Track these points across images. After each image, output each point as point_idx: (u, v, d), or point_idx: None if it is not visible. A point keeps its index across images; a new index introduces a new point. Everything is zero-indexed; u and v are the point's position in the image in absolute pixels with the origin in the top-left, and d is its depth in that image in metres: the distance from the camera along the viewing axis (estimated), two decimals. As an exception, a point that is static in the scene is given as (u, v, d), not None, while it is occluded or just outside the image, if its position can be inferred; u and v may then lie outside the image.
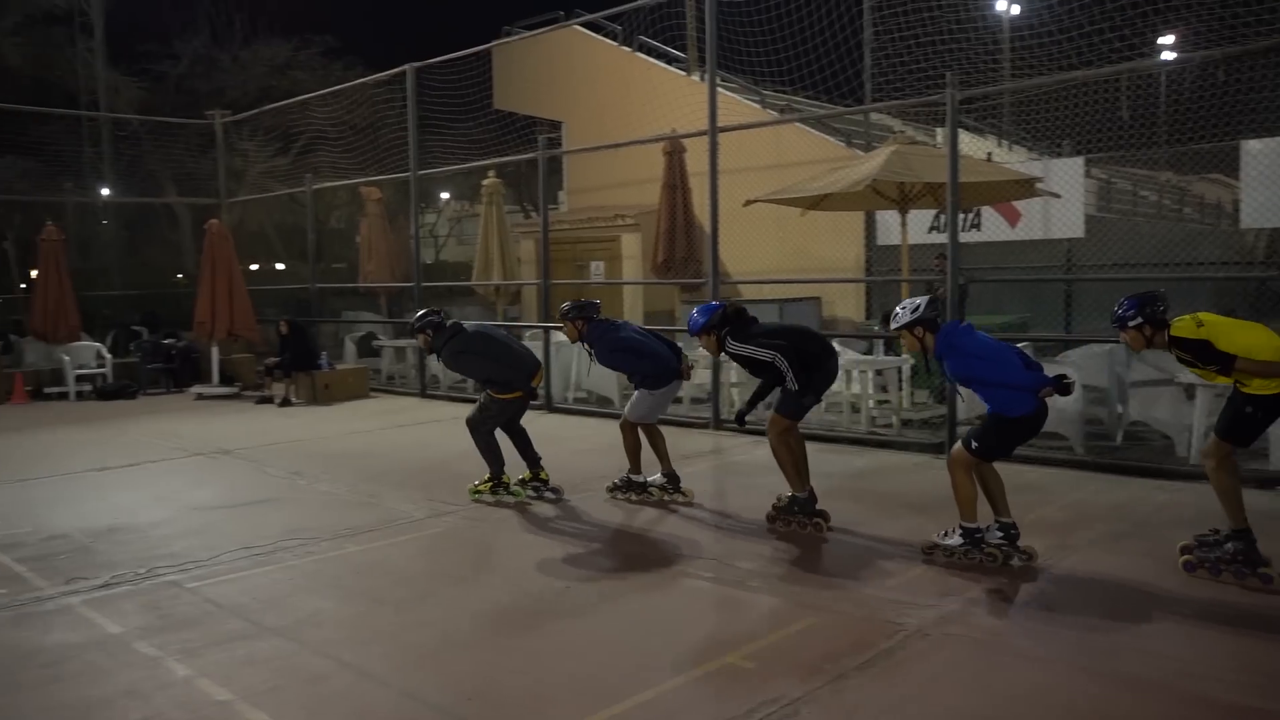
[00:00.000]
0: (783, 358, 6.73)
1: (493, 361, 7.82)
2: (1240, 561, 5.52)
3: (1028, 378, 5.78)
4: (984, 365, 5.88)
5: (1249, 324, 5.50)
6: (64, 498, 8.47)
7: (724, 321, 6.97)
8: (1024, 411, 5.76)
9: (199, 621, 5.30)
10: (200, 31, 28.04)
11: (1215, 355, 5.32)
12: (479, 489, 8.00)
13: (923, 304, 6.06)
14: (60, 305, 15.82)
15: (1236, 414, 5.51)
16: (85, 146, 20.82)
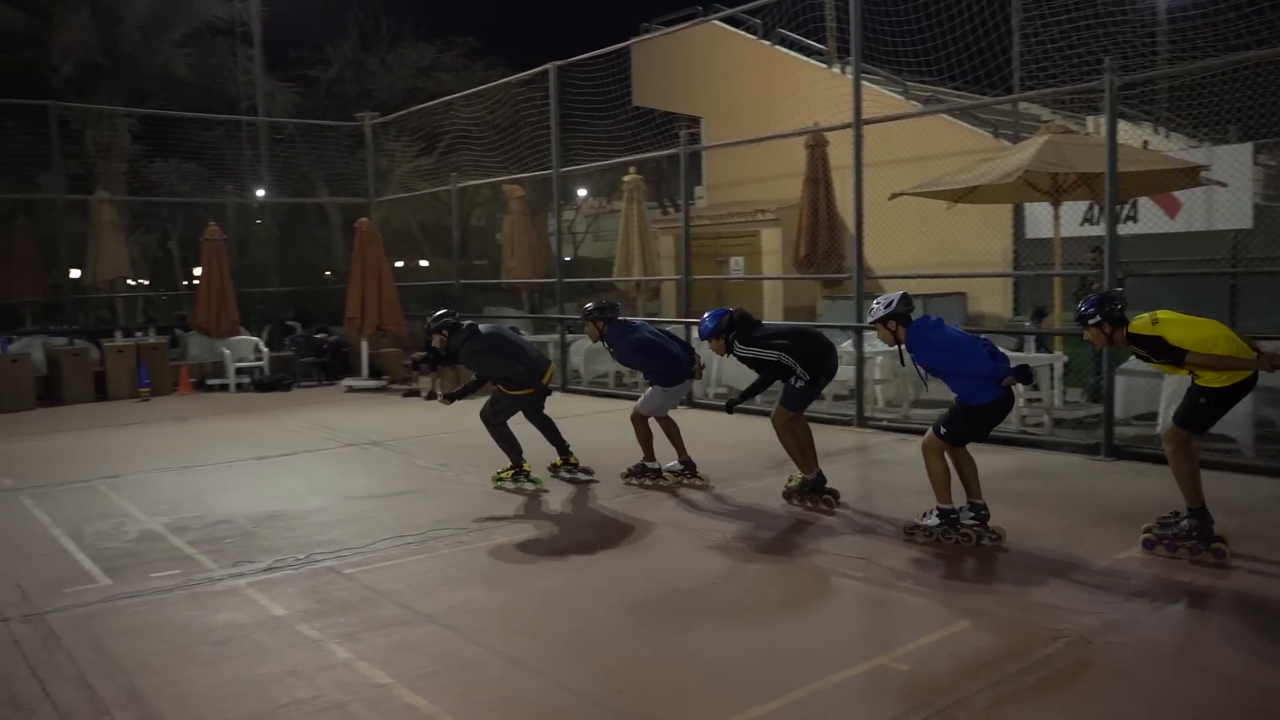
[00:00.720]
0: (789, 356, 7.29)
1: (507, 360, 8.21)
2: (1195, 538, 5.88)
3: (991, 368, 6.21)
4: (949, 357, 6.35)
5: (1204, 321, 5.85)
6: (227, 485, 8.87)
7: (731, 326, 7.53)
8: (988, 399, 6.22)
9: (356, 606, 5.48)
10: (349, 37, 29.06)
11: (1167, 350, 5.72)
12: (501, 476, 8.42)
13: (896, 299, 6.51)
14: (222, 301, 16.57)
15: (1192, 404, 5.89)
16: (244, 150, 21.76)
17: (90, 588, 5.97)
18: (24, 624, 5.35)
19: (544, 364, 8.47)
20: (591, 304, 8.56)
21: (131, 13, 21.82)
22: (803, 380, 7.30)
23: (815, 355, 7.39)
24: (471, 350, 8.25)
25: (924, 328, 6.49)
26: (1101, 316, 5.94)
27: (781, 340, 7.42)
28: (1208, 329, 5.76)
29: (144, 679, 4.57)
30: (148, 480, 9.15)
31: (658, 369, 8.21)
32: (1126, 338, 5.92)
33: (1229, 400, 5.84)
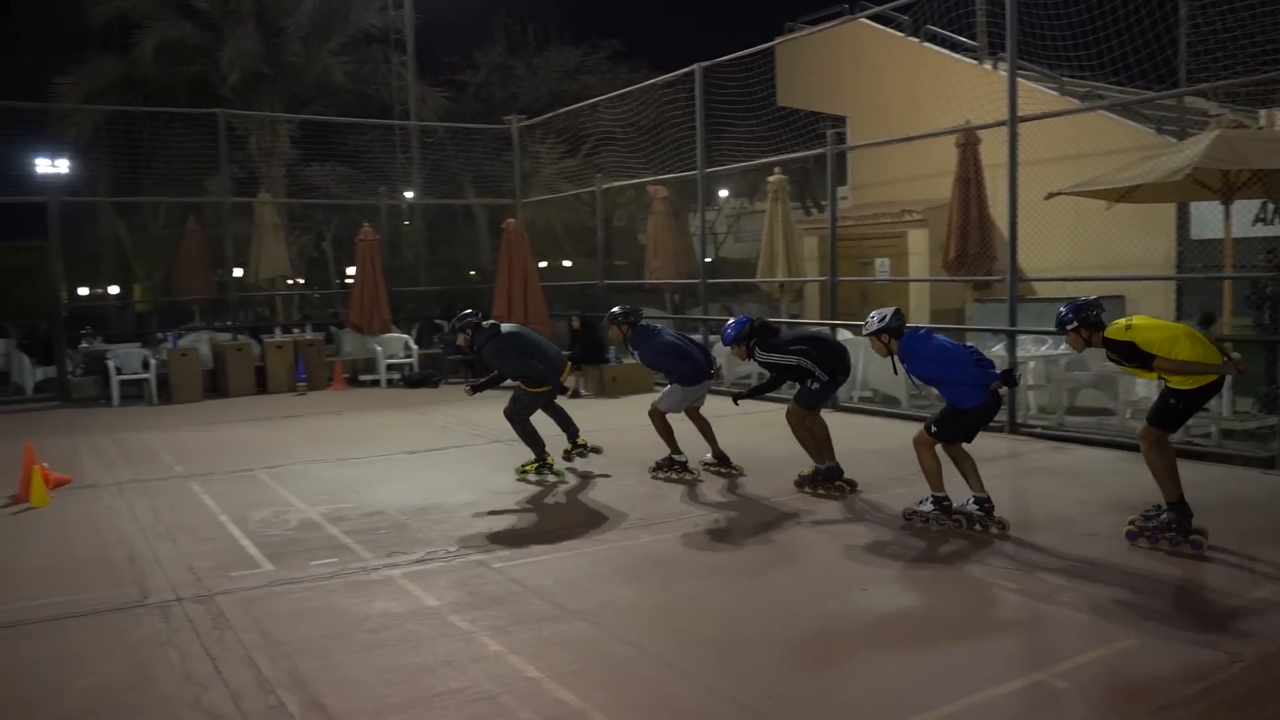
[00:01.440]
0: (808, 360, 7.89)
1: (528, 359, 8.66)
2: (1174, 530, 6.17)
3: (978, 375, 6.75)
4: (939, 366, 6.91)
5: (1175, 326, 6.33)
6: (380, 477, 9.15)
7: (752, 334, 8.14)
8: (976, 403, 6.75)
9: (506, 600, 5.58)
10: (497, 42, 29.71)
11: (1137, 355, 6.07)
12: (525, 469, 8.93)
13: (889, 314, 7.09)
14: (374, 299, 17.14)
15: (1163, 405, 6.25)
16: (396, 153, 22.45)
17: (254, 572, 6.24)
18: (196, 604, 5.62)
19: (562, 362, 8.95)
20: (618, 309, 9.15)
21: (294, 24, 22.75)
22: (819, 382, 7.95)
23: (831, 358, 8.07)
24: (495, 349, 8.69)
25: (915, 340, 7.04)
26: (1079, 322, 6.35)
27: (801, 345, 8.05)
28: (1177, 335, 6.10)
29: (305, 662, 4.75)
30: (306, 471, 9.52)
31: (681, 370, 8.72)
32: (1102, 342, 6.28)
33: (1197, 401, 6.22)
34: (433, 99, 25.16)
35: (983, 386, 6.73)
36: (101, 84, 22.41)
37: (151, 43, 21.96)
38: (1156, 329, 6.17)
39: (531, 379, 8.72)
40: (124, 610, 5.58)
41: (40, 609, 5.62)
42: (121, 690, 4.53)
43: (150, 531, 7.32)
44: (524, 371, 8.70)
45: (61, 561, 6.66)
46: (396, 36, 23.96)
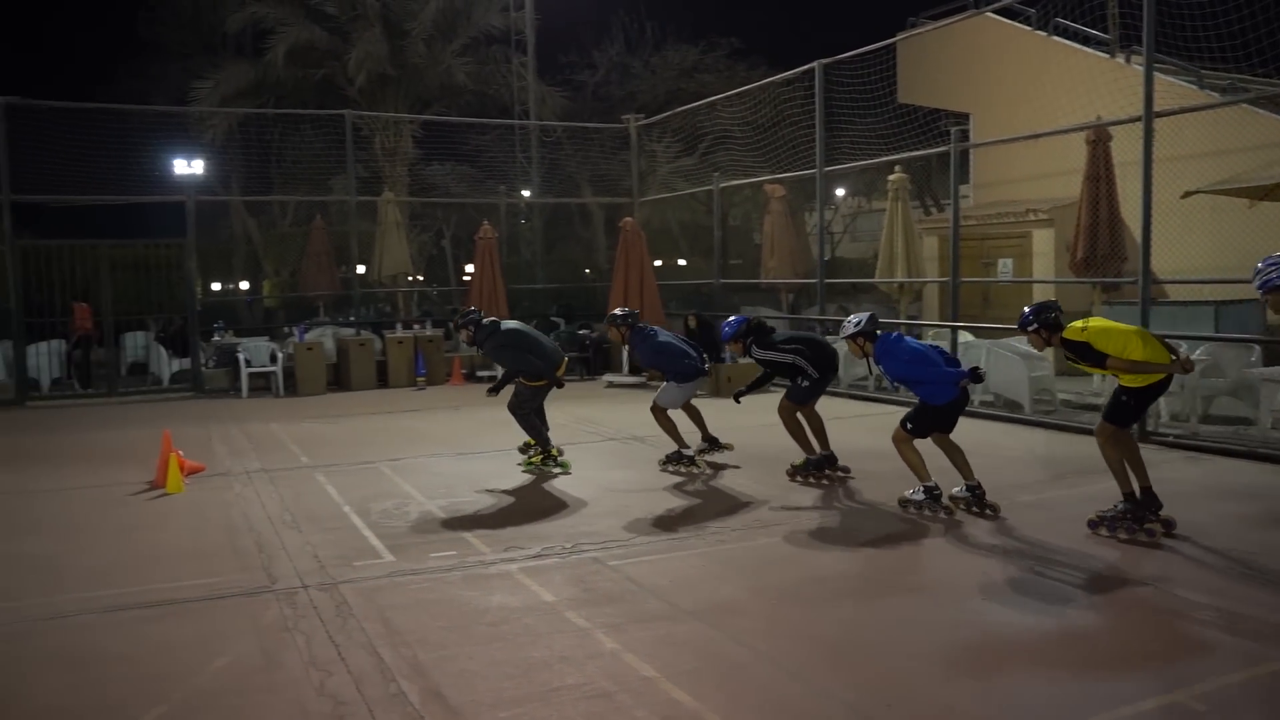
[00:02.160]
0: (802, 359, 8.57)
1: (526, 354, 9.12)
2: (1129, 519, 6.58)
3: (948, 374, 7.29)
4: (912, 367, 7.43)
5: (1129, 328, 6.65)
6: (497, 472, 9.29)
7: (749, 332, 8.80)
8: (946, 399, 7.29)
9: (621, 598, 5.60)
10: (615, 42, 29.87)
11: (1093, 354, 6.48)
12: (532, 460, 9.33)
13: (864, 319, 7.69)
14: (493, 297, 17.41)
15: (1116, 402, 6.68)
16: (515, 152, 22.77)
17: (376, 562, 6.40)
18: (321, 592, 5.80)
19: (559, 358, 9.38)
20: (617, 311, 9.87)
21: (418, 27, 23.26)
22: (809, 379, 8.61)
23: (823, 358, 8.67)
24: (495, 344, 9.23)
25: (889, 342, 7.60)
26: (1039, 324, 6.79)
27: (796, 345, 8.70)
28: (1129, 336, 6.52)
29: (425, 652, 4.84)
30: (426, 464, 9.73)
31: (677, 368, 9.24)
32: (1061, 342, 6.72)
33: (1147, 398, 6.70)
34: (552, 98, 25.45)
35: (952, 384, 7.27)
36: (236, 88, 23.25)
37: (283, 47, 22.69)
38: (1110, 330, 6.59)
39: (530, 374, 9.18)
40: (254, 595, 5.79)
41: (179, 590, 5.87)
42: (252, 671, 4.69)
43: (277, 519, 7.58)
44: (522, 366, 9.17)
45: (196, 546, 6.94)
46: (517, 37, 24.31)
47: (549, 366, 9.19)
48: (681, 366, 9.24)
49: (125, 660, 4.88)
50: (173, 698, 4.41)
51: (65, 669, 4.78)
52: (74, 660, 4.89)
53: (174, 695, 4.44)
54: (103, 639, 5.17)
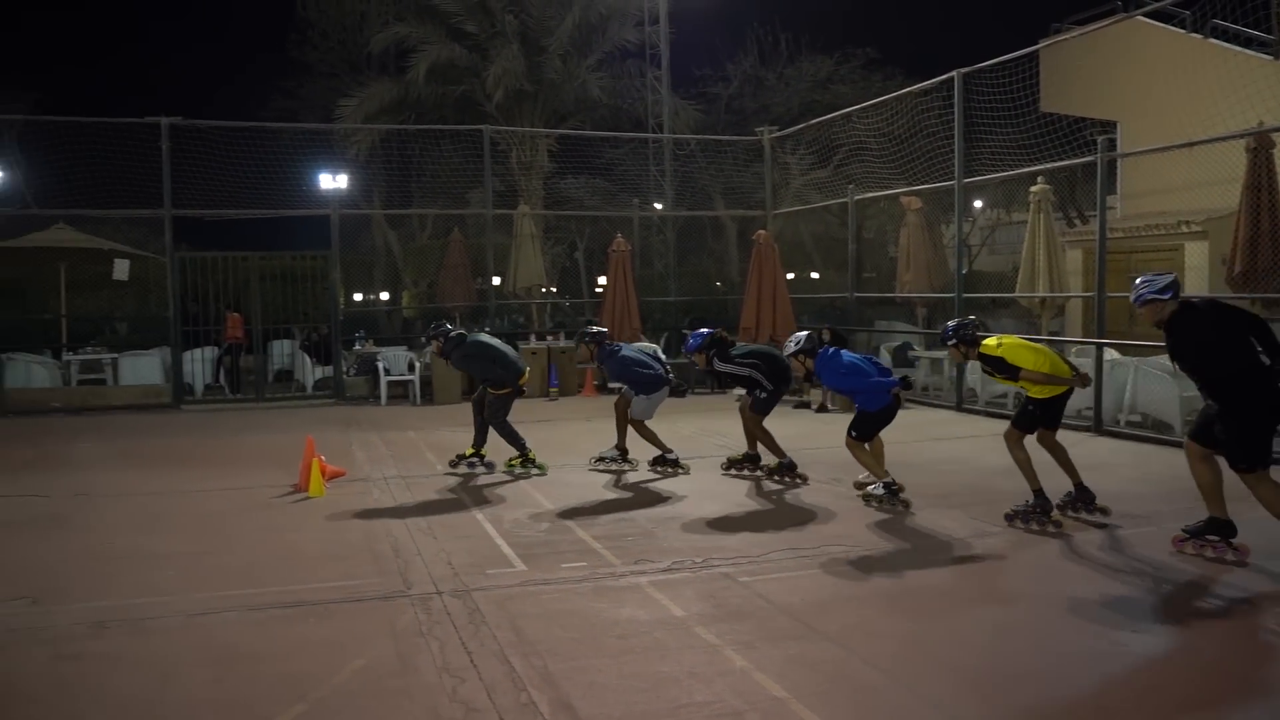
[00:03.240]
0: (757, 373, 9.46)
1: (491, 363, 9.80)
2: (1037, 513, 7.34)
3: (879, 383, 8.25)
4: (846, 378, 8.47)
5: (1037, 346, 7.60)
6: (628, 484, 9.31)
7: (712, 344, 9.69)
8: (879, 406, 8.22)
9: (752, 615, 5.52)
10: (749, 54, 29.77)
11: (1006, 368, 7.37)
12: (512, 464, 9.96)
13: (803, 338, 8.83)
14: (625, 309, 17.50)
15: (1023, 410, 7.57)
16: (649, 165, 22.89)
17: (508, 571, 6.46)
18: (454, 598, 5.87)
19: (521, 367, 10.02)
20: (590, 329, 10.69)
21: (555, 43, 23.65)
22: (766, 391, 9.49)
23: (776, 372, 9.50)
24: (461, 354, 9.98)
25: (826, 358, 8.57)
26: (958, 339, 7.66)
27: (752, 360, 9.59)
28: (1038, 353, 7.45)
29: (556, 663, 4.85)
30: (557, 475, 9.81)
31: (642, 380, 9.95)
32: (978, 356, 7.58)
33: (1051, 407, 7.50)
34: (685, 111, 25.52)
35: (885, 392, 8.21)
36: (379, 105, 24.02)
37: (424, 65, 23.34)
38: (1022, 347, 7.50)
39: (494, 382, 9.82)
40: (390, 599, 5.90)
41: (319, 591, 6.03)
42: (388, 675, 4.77)
43: (413, 526, 7.73)
44: (486, 374, 9.87)
45: (335, 549, 7.13)
46: (651, 51, 24.46)
47: (512, 375, 9.84)
48: (645, 379, 9.95)
49: (267, 658, 5.03)
50: (311, 697, 4.52)
51: (211, 664, 4.95)
52: (219, 656, 5.05)
53: (312, 694, 4.54)
54: (246, 636, 5.34)
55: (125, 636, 5.38)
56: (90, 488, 9.51)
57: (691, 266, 27.42)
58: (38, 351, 18.14)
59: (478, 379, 10.16)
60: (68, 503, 8.85)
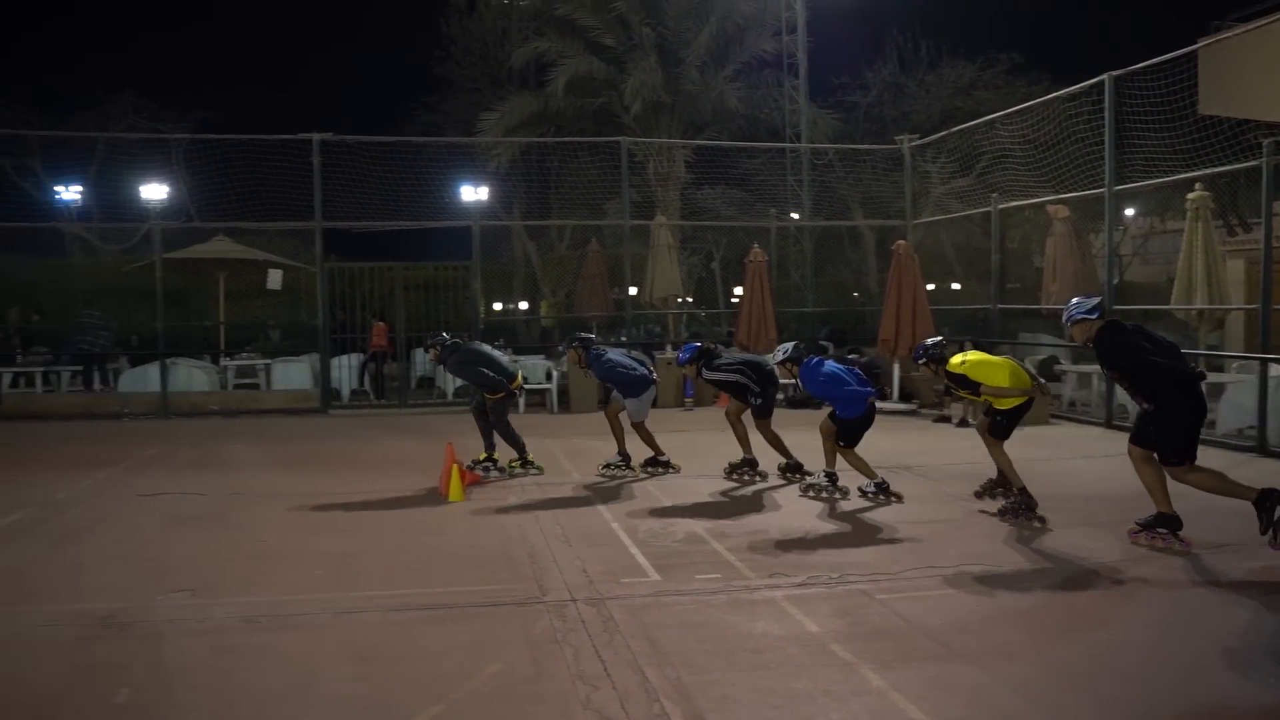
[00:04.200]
0: (744, 378, 10.15)
1: (482, 369, 10.30)
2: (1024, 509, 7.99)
3: (857, 392, 8.85)
4: (826, 386, 9.06)
5: (998, 360, 8.28)
6: (762, 496, 9.25)
7: (700, 356, 10.41)
8: (856, 414, 8.88)
9: (889, 634, 5.40)
10: (888, 61, 29.29)
11: (969, 383, 8.00)
12: (512, 465, 10.53)
13: (790, 348, 9.69)
14: (762, 319, 17.41)
15: (993, 420, 8.17)
16: (786, 175, 22.74)
17: (642, 581, 6.48)
18: (589, 606, 5.91)
19: (514, 371, 10.65)
20: (579, 335, 11.29)
21: (692, 54, 23.72)
22: (756, 395, 10.10)
23: (762, 375, 10.14)
24: (456, 361, 10.58)
25: (809, 366, 9.29)
26: (928, 358, 8.47)
27: (738, 366, 10.29)
28: (998, 367, 8.12)
29: (689, 675, 4.83)
30: (691, 485, 9.81)
31: (626, 381, 10.47)
32: (944, 373, 8.29)
33: (1015, 416, 8.18)
34: (823, 120, 25.27)
35: (861, 400, 8.87)
36: (519, 118, 24.50)
37: (563, 79, 23.71)
38: (983, 363, 8.18)
39: (488, 386, 10.31)
40: (526, 605, 5.98)
41: (457, 595, 6.16)
42: (522, 680, 4.83)
43: (549, 533, 7.82)
44: (480, 380, 10.36)
45: (473, 553, 7.27)
46: (789, 61, 24.32)
47: (504, 380, 10.33)
48: (631, 380, 10.47)
49: (406, 658, 5.15)
50: (448, 698, 4.61)
51: (354, 661, 5.10)
52: (362, 654, 5.20)
53: (449, 696, 4.63)
54: (388, 636, 5.49)
55: (275, 631, 5.59)
56: (245, 487, 9.96)
57: (829, 277, 27.10)
58: (198, 357, 19.10)
59: (473, 385, 10.65)
60: (224, 501, 9.28)
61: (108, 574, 6.81)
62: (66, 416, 16.35)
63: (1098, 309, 7.33)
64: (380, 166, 17.43)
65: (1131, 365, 7.06)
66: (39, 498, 9.38)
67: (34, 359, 19.45)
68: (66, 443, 13.61)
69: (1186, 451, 6.91)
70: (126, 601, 6.10)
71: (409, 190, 17.73)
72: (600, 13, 24.00)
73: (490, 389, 10.37)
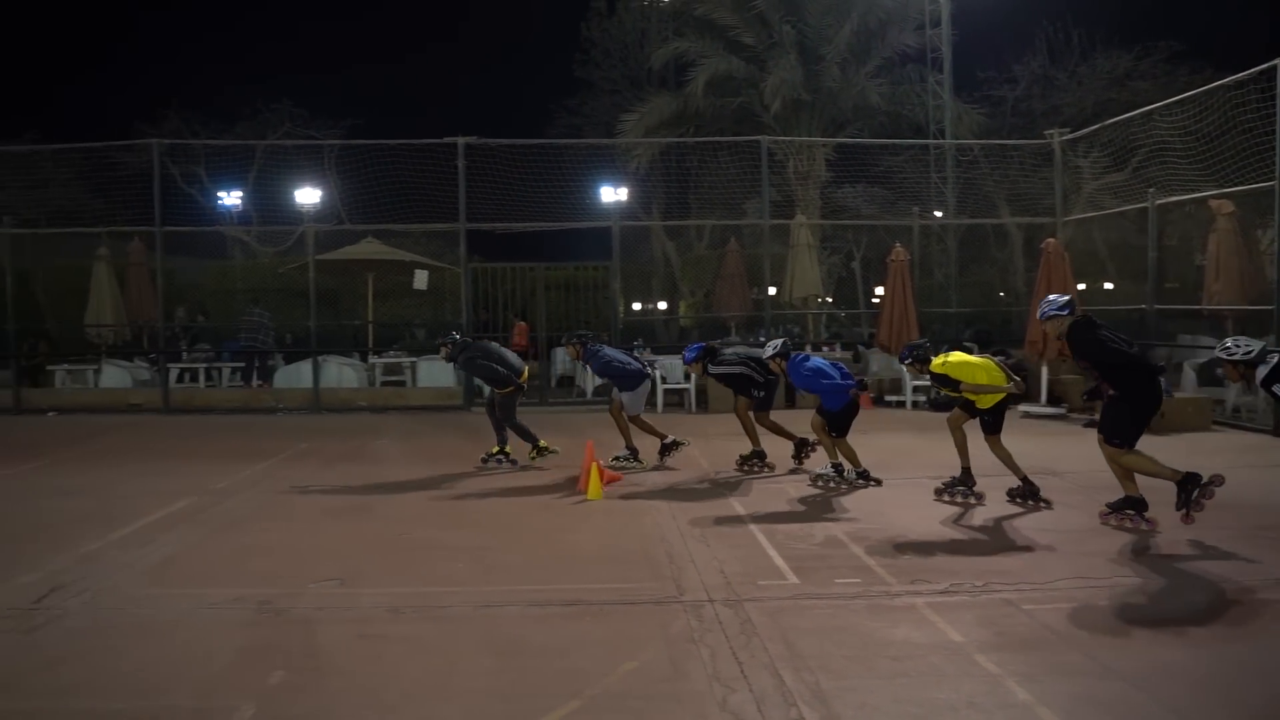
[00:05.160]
0: (749, 370, 10.66)
1: (492, 365, 10.95)
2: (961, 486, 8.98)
3: (840, 385, 9.58)
4: (811, 379, 9.76)
5: (977, 360, 8.99)
6: (904, 500, 9.06)
7: (705, 355, 10.92)
8: (840, 405, 9.58)
9: (1037, 645, 5.21)
10: (1038, 53, 28.34)
11: (950, 382, 8.71)
12: (531, 455, 11.04)
13: (779, 344, 10.21)
14: (904, 320, 17.06)
15: (982, 420, 8.92)
16: (929, 172, 22.23)
17: (780, 583, 6.42)
18: (726, 607, 5.89)
19: (521, 367, 11.19)
20: (575, 333, 11.79)
21: (832, 51, 23.40)
22: (759, 387, 10.71)
23: (764, 368, 10.54)
24: (467, 357, 11.22)
25: (796, 361, 9.99)
26: (913, 358, 9.06)
27: (743, 360, 10.82)
28: (976, 367, 8.72)
29: (827, 680, 4.76)
30: (828, 487, 9.65)
31: (622, 375, 11.00)
32: (929, 373, 8.89)
33: (999, 411, 8.81)
34: (969, 116, 24.58)
35: (844, 392, 9.57)
36: (659, 119, 24.58)
37: (703, 78, 23.68)
38: (963, 363, 8.79)
39: (498, 381, 10.95)
40: (663, 604, 5.99)
41: (596, 592, 6.21)
42: (659, 679, 4.84)
43: (687, 533, 7.82)
44: (489, 375, 11.03)
45: (611, 551, 7.33)
46: (933, 55, 23.75)
47: (513, 374, 10.95)
48: (626, 374, 11.00)
49: (544, 652, 5.22)
50: (585, 694, 4.65)
51: (494, 654, 5.20)
52: (502, 647, 5.30)
53: (587, 692, 4.67)
54: (526, 630, 5.58)
55: (419, 622, 5.74)
56: (391, 481, 10.26)
57: (974, 276, 26.41)
58: (347, 354, 19.81)
59: (484, 381, 11.35)
60: (372, 494, 9.61)
61: (263, 561, 7.13)
62: (226, 410, 17.18)
63: (1069, 306, 8.06)
64: (522, 169, 17.75)
65: (1104, 355, 7.80)
66: (202, 487, 9.88)
67: (198, 355, 20.51)
68: (226, 435, 14.31)
69: (1129, 437, 7.71)
70: (281, 588, 6.37)
71: (550, 192, 18.01)
72: (739, 11, 23.89)
73: (500, 384, 11.00)
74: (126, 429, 15.17)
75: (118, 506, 9.00)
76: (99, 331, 19.46)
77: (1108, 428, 7.81)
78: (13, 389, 17.68)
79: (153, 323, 18.99)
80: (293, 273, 20.55)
